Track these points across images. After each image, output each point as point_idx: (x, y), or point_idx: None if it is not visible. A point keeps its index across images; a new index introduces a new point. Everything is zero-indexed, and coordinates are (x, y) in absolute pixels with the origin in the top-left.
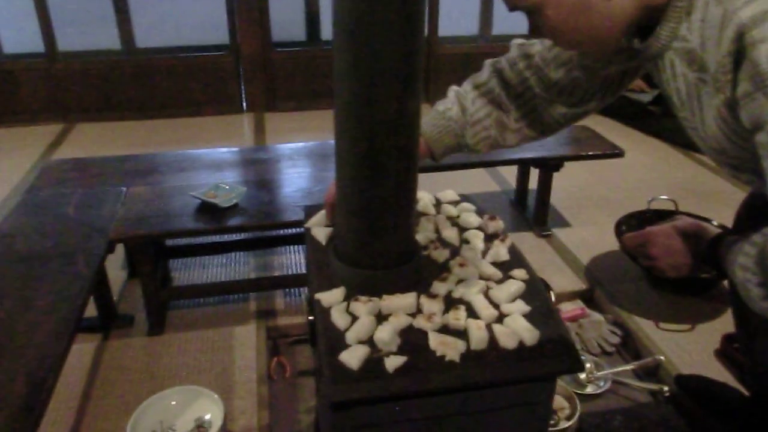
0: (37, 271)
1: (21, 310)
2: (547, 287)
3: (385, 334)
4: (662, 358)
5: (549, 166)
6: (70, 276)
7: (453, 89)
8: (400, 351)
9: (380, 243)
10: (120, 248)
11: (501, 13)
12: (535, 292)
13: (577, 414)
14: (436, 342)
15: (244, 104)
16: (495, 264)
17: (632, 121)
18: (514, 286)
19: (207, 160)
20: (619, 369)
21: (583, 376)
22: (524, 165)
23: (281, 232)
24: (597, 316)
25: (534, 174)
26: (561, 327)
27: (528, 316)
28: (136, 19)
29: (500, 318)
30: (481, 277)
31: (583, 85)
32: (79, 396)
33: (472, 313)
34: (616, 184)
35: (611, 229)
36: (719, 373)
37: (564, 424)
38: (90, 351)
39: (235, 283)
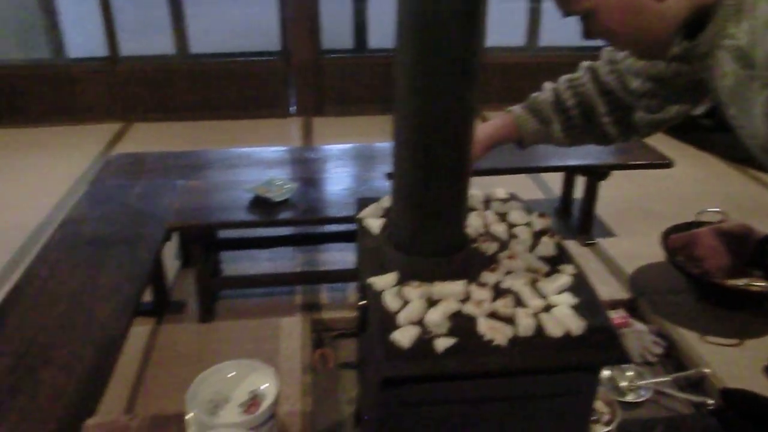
0: (103, 254)
1: (89, 288)
2: None
3: (436, 316)
4: (707, 370)
5: (595, 174)
6: (132, 260)
7: (548, 83)
8: (450, 333)
9: (433, 232)
10: (173, 239)
11: (548, 25)
12: (582, 286)
13: (617, 420)
14: (485, 326)
15: (293, 108)
16: (542, 259)
17: (683, 135)
18: (562, 279)
19: (258, 158)
20: (662, 379)
21: (624, 383)
22: (570, 172)
23: (327, 229)
24: (640, 326)
25: (579, 182)
26: (607, 320)
27: (575, 308)
28: (191, 26)
29: (547, 308)
30: (529, 270)
31: (659, 93)
32: (134, 374)
33: (519, 303)
34: (663, 197)
35: (657, 241)
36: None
37: (603, 429)
38: (145, 333)
39: (282, 276)
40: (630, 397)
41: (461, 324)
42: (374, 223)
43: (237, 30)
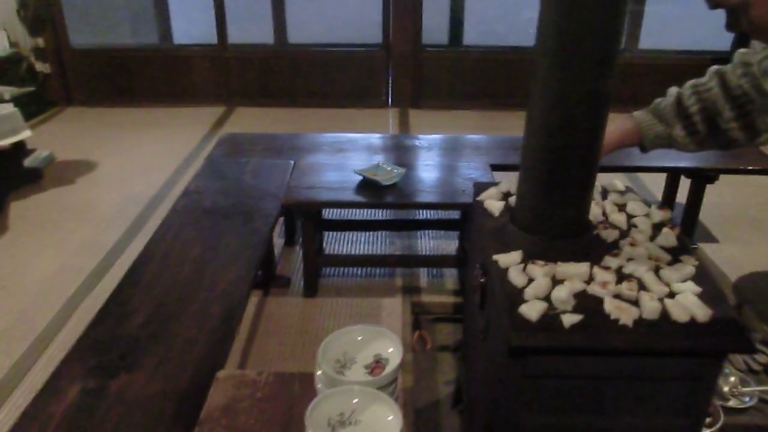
0: (222, 224)
1: (211, 254)
2: None
3: (563, 293)
4: None
5: (703, 176)
6: (249, 230)
7: (674, 88)
8: (576, 311)
9: (559, 214)
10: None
11: (649, 28)
12: (705, 277)
13: (719, 424)
14: (612, 305)
15: (390, 100)
16: (663, 248)
17: None
18: (686, 268)
19: (363, 143)
20: (766, 388)
21: (726, 389)
22: (675, 173)
23: (424, 216)
24: None
25: (682, 186)
26: (731, 310)
27: (700, 296)
28: (290, 17)
29: (671, 295)
30: (651, 258)
31: None
32: (244, 340)
33: (642, 288)
34: None
35: (764, 249)
36: None
37: (704, 431)
38: (253, 304)
39: (383, 257)
40: (733, 403)
41: (586, 303)
42: (495, 205)
43: (336, 23)
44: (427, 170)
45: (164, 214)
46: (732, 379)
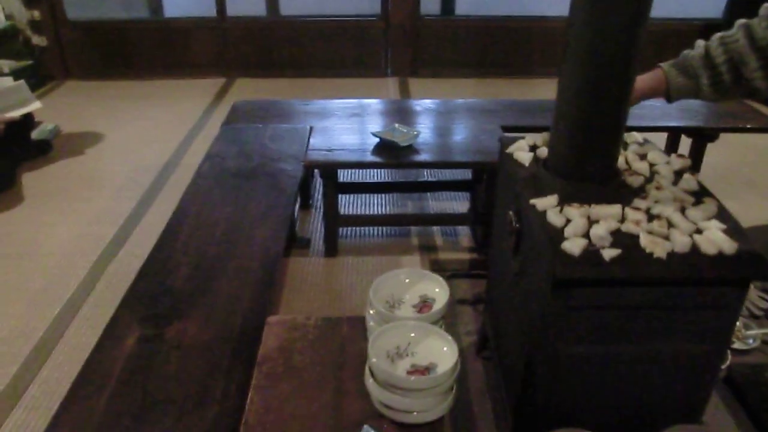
0: (248, 185)
1: (243, 212)
2: None
3: (601, 230)
4: None
5: (704, 135)
6: (276, 191)
7: (701, 40)
8: (613, 247)
9: (592, 159)
10: None
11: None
12: (726, 217)
13: (728, 362)
14: (647, 240)
15: (389, 69)
16: (686, 192)
17: None
18: (710, 208)
19: (375, 108)
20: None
21: (730, 339)
22: (676, 133)
23: (439, 178)
24: None
25: (682, 147)
26: (752, 244)
27: (724, 233)
28: None
29: (698, 231)
30: (676, 200)
31: None
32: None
33: (671, 226)
34: (765, 167)
35: (761, 206)
36: None
37: None
38: None
39: (402, 216)
40: (738, 345)
41: (622, 239)
42: (524, 156)
43: None
44: (441, 132)
45: (177, 183)
46: (737, 323)
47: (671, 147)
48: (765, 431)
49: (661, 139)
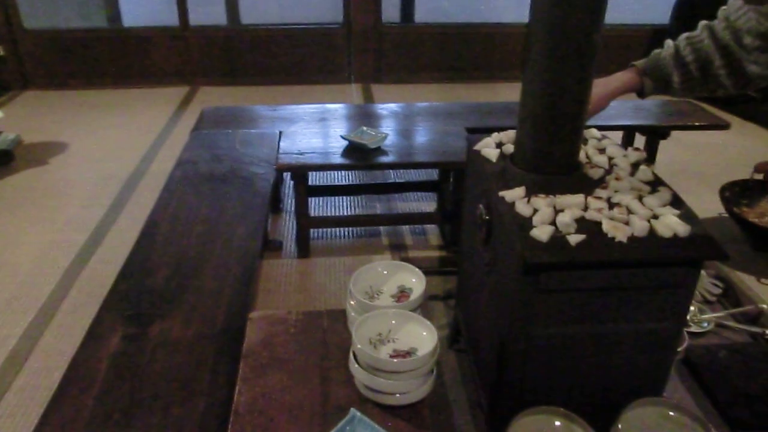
0: (222, 188)
1: (220, 214)
2: None
3: (566, 218)
4: (765, 306)
5: (657, 133)
6: (250, 193)
7: (669, 40)
8: (578, 233)
9: (555, 152)
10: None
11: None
12: (679, 203)
13: (685, 344)
14: (609, 225)
15: (352, 76)
16: (643, 182)
17: (730, 107)
18: (665, 196)
19: (342, 112)
20: (722, 313)
21: (688, 317)
22: (631, 131)
23: (406, 179)
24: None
25: (636, 144)
26: (705, 228)
27: (678, 217)
28: None
29: (655, 216)
30: (633, 189)
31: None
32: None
33: (631, 213)
34: (715, 162)
35: (711, 199)
36: None
37: None
38: None
39: (372, 217)
40: (693, 328)
41: (587, 226)
42: (491, 152)
43: (290, 2)
44: (408, 134)
45: (147, 190)
46: (692, 308)
47: (627, 144)
48: (719, 406)
49: (617, 137)
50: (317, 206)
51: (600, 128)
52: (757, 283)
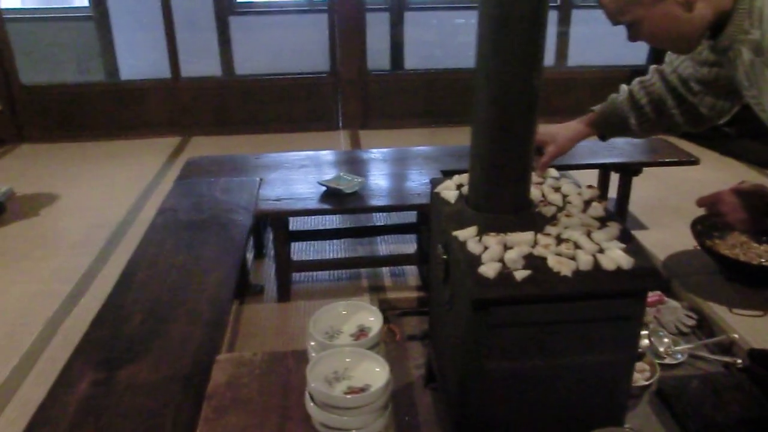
0: (200, 235)
1: (195, 260)
2: None
3: (514, 254)
4: (736, 336)
5: (629, 170)
6: (226, 239)
7: (624, 85)
8: (525, 268)
9: (505, 192)
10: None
11: (575, 48)
12: (627, 236)
13: (657, 375)
14: (554, 260)
15: (340, 123)
16: (593, 218)
17: (708, 142)
18: (612, 230)
19: (322, 159)
20: (695, 345)
21: (662, 348)
22: (605, 169)
23: (383, 222)
24: (674, 303)
25: (612, 182)
26: (650, 260)
27: (623, 251)
28: (237, 50)
29: (601, 251)
30: (583, 225)
31: (709, 93)
32: (227, 343)
33: (578, 248)
34: (691, 196)
35: (686, 232)
36: None
37: (644, 383)
38: (231, 311)
39: (352, 260)
40: (667, 360)
41: (533, 261)
42: (450, 194)
43: (282, 53)
44: (385, 179)
45: (133, 239)
46: (666, 340)
47: (602, 183)
48: None
49: (592, 175)
50: (301, 250)
51: (575, 167)
52: (729, 313)
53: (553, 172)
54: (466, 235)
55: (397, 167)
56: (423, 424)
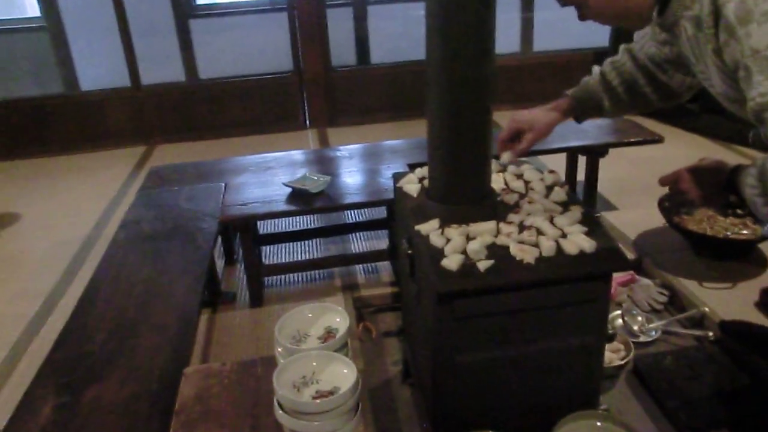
0: (165, 246)
1: (160, 272)
2: None
3: (476, 245)
4: (707, 309)
5: (595, 152)
6: (192, 248)
7: (596, 67)
8: (488, 259)
9: (465, 182)
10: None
11: (540, 33)
12: (590, 220)
13: (632, 354)
14: (516, 249)
15: (308, 121)
16: (556, 203)
17: (671, 119)
18: (575, 214)
19: (288, 160)
20: (668, 321)
21: (636, 327)
22: (572, 153)
23: (354, 220)
24: (646, 280)
25: (580, 164)
26: (613, 241)
27: (586, 234)
28: (199, 54)
29: (564, 235)
30: (546, 211)
31: (670, 69)
32: (200, 353)
33: (541, 234)
34: (658, 174)
35: (655, 210)
36: (758, 320)
37: (620, 362)
38: (203, 321)
39: (322, 260)
40: (642, 338)
41: (496, 251)
42: (412, 188)
43: (245, 55)
44: (351, 176)
45: (100, 255)
46: (639, 319)
47: (571, 165)
48: (667, 412)
49: (560, 159)
50: (272, 253)
51: (544, 152)
52: (699, 287)
53: (505, 157)
54: (429, 228)
55: (365, 163)
56: (403, 420)
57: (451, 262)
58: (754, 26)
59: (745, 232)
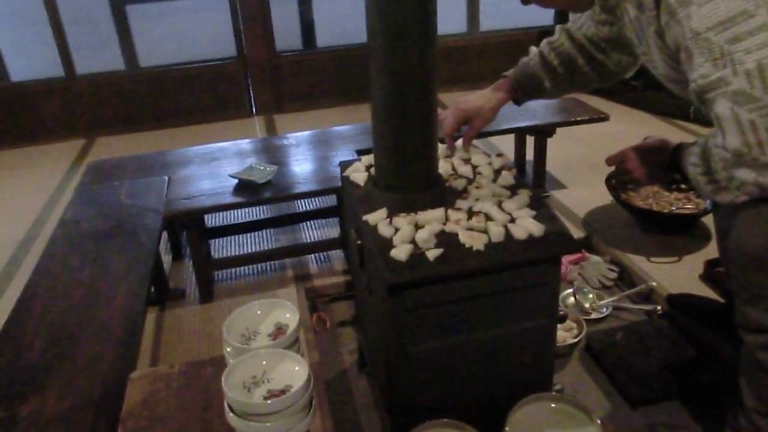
0: (107, 245)
1: (102, 273)
2: None
3: (425, 234)
4: (654, 284)
5: (543, 132)
6: (136, 247)
7: (533, 47)
8: (437, 247)
9: (411, 169)
10: (163, 235)
11: (486, 11)
12: (538, 203)
13: (584, 332)
14: (465, 236)
15: (254, 108)
16: (504, 187)
17: (616, 96)
18: (523, 198)
19: (234, 150)
20: (618, 297)
21: (587, 304)
22: (521, 133)
23: (304, 209)
24: (595, 258)
25: (529, 144)
26: (561, 225)
27: (534, 218)
28: (138, 41)
29: (512, 220)
30: (494, 196)
31: (609, 49)
32: (149, 355)
33: (489, 220)
34: (605, 151)
35: (603, 187)
36: (704, 292)
37: (573, 340)
38: (151, 320)
39: (273, 251)
40: (594, 315)
41: (445, 239)
42: (359, 177)
43: (187, 40)
44: (299, 164)
45: (39, 256)
46: (590, 296)
47: (519, 146)
48: (618, 386)
49: (509, 140)
50: (222, 247)
51: (492, 134)
52: (647, 262)
53: (460, 143)
54: (377, 218)
55: (314, 151)
56: (360, 409)
57: (400, 252)
58: (694, 8)
59: (689, 206)
